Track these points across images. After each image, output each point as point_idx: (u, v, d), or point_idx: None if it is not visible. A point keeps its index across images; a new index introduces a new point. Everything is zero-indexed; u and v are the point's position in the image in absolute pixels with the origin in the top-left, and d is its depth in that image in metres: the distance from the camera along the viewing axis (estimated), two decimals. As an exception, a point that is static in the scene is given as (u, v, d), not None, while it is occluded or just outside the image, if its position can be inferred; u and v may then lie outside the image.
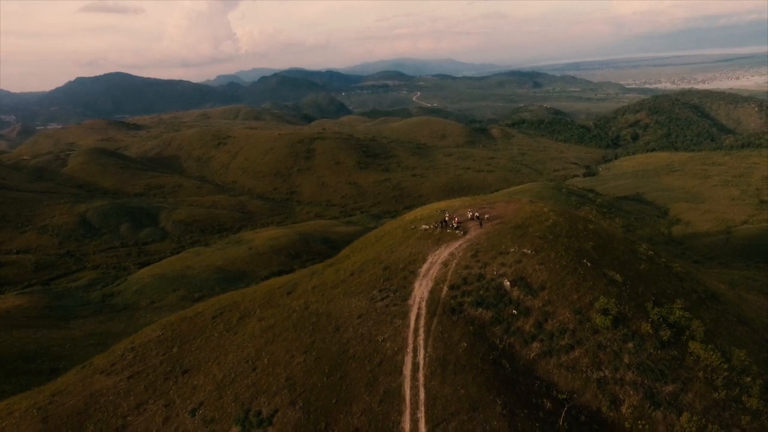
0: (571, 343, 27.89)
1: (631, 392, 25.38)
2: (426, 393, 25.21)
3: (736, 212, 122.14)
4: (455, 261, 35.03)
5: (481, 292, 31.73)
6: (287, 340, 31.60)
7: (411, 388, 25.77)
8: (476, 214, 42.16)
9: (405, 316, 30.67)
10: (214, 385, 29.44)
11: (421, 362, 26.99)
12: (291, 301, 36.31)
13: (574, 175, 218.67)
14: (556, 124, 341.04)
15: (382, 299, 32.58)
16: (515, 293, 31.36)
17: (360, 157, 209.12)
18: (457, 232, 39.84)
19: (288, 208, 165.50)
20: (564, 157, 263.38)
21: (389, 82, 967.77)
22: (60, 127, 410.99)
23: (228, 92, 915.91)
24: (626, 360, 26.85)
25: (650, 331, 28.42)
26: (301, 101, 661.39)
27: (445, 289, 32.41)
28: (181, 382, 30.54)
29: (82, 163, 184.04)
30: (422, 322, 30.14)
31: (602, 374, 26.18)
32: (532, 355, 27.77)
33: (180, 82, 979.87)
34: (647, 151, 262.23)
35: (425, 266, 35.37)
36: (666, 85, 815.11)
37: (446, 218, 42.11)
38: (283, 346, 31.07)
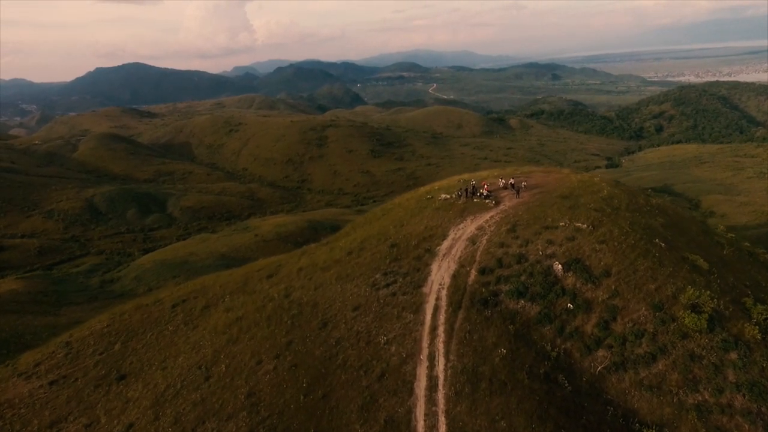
0: (652, 351, 20.82)
1: (746, 426, 18.15)
2: (449, 424, 17.81)
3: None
4: (486, 237, 28.13)
5: (522, 278, 24.80)
6: (256, 338, 25.00)
7: (426, 415, 18.34)
8: (511, 182, 35.15)
9: (418, 308, 23.87)
10: (152, 400, 23.02)
11: (441, 376, 19.72)
12: (270, 286, 29.89)
13: (596, 167, 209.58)
14: (576, 115, 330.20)
15: (387, 285, 26.02)
16: (570, 280, 24.38)
17: (373, 145, 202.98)
18: (487, 201, 32.80)
19: (299, 196, 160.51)
20: (585, 148, 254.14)
21: (405, 74, 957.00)
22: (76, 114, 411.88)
23: (244, 83, 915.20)
24: (731, 377, 19.68)
25: (757, 336, 21.07)
26: (316, 92, 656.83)
27: (474, 273, 25.52)
28: (114, 393, 24.48)
29: (92, 149, 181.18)
30: (442, 317, 23.10)
31: (701, 398, 19.19)
32: (599, 367, 20.77)
33: (197, 72, 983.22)
34: (672, 143, 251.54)
35: (446, 243, 28.44)
36: (689, 78, 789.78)
37: (472, 186, 35.22)
38: (250, 346, 24.50)
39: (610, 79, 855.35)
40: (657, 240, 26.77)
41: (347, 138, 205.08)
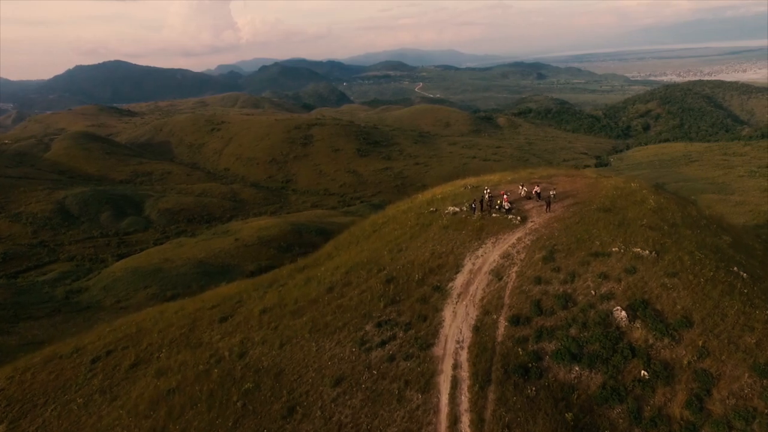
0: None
1: None
2: None
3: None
4: (515, 269, 22.27)
5: (572, 330, 18.81)
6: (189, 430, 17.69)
7: None
8: (536, 190, 29.36)
9: (428, 383, 17.39)
10: None
11: None
12: (221, 337, 22.84)
13: (585, 165, 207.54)
14: (564, 114, 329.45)
15: (383, 344, 19.40)
16: (639, 333, 18.47)
17: (360, 144, 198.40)
18: (510, 217, 26.78)
19: (283, 197, 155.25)
20: (573, 147, 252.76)
21: (391, 73, 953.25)
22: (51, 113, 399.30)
23: (228, 81, 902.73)
24: None
25: None
26: (302, 90, 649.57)
27: (504, 323, 19.70)
28: None
29: (65, 148, 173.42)
30: (465, 398, 16.53)
31: None
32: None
33: (180, 70, 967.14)
34: (660, 142, 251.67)
35: (461, 278, 22.32)
36: (672, 77, 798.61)
37: (487, 195, 29.00)
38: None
39: (595, 79, 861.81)
40: (736, 269, 21.39)
41: (333, 137, 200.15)
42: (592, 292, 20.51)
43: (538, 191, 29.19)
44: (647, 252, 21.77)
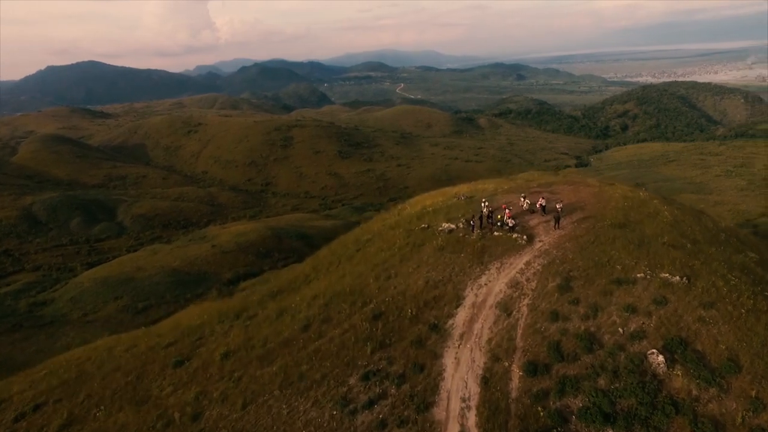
0: None
1: None
2: None
3: (749, 204, 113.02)
4: (526, 302, 19.31)
5: (601, 380, 15.82)
6: None
7: None
8: (541, 202, 26.31)
9: None
10: None
11: None
12: (173, 390, 18.91)
13: (566, 166, 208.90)
14: (544, 114, 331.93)
15: (371, 404, 16.30)
16: (679, 383, 15.59)
17: (341, 146, 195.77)
18: (515, 237, 23.74)
19: (262, 201, 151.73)
20: (553, 147, 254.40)
21: (372, 74, 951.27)
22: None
23: (206, 82, 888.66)
24: None
25: None
26: (282, 91, 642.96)
27: (518, 372, 16.63)
28: None
29: (33, 152, 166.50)
30: None
31: None
32: None
33: (156, 71, 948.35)
34: (638, 142, 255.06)
35: (462, 314, 19.23)
36: (647, 78, 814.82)
37: (485, 209, 26.00)
38: None
39: (573, 80, 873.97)
40: None
41: (314, 138, 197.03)
42: (620, 330, 17.46)
43: (543, 204, 26.23)
44: (677, 278, 18.92)
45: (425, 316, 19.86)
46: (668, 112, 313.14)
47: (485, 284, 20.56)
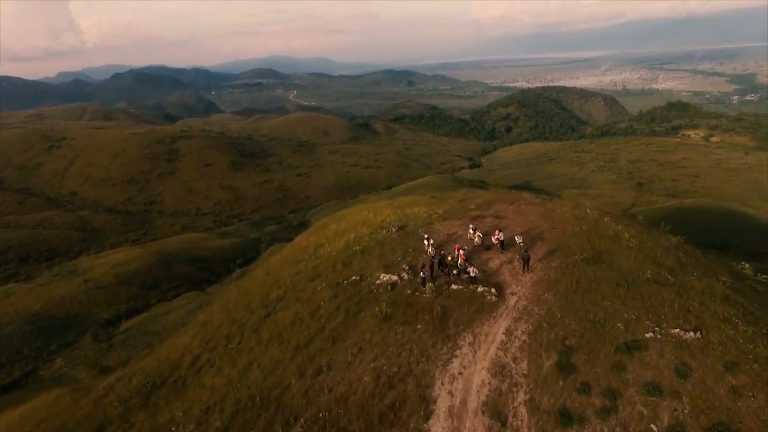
0: None
1: None
2: None
3: (621, 196, 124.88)
4: (521, 396, 14.84)
5: None
6: None
7: None
8: (499, 236, 22.37)
9: None
10: None
11: None
12: None
13: (461, 167, 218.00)
14: (436, 119, 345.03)
15: None
16: None
17: (234, 157, 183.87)
18: (480, 290, 18.95)
19: (147, 222, 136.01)
20: (447, 150, 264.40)
21: (263, 81, 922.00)
22: None
23: (72, 91, 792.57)
24: None
25: None
26: (164, 100, 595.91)
27: None
28: None
29: None
30: None
31: None
32: None
33: (7, 78, 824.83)
34: (521, 142, 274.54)
35: (437, 428, 14.27)
36: (522, 83, 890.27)
37: (430, 250, 21.28)
38: None
39: (459, 85, 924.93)
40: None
41: (203, 150, 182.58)
42: (654, 429, 13.80)
43: (502, 239, 22.35)
44: (690, 334, 16.10)
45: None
46: (545, 114, 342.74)
47: (459, 373, 15.48)
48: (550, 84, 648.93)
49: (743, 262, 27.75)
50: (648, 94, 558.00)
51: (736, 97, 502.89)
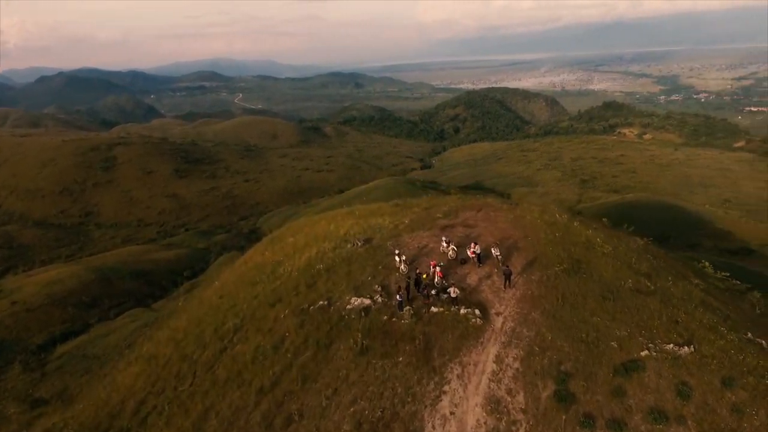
0: None
1: None
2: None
3: (567, 193, 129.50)
4: None
5: None
6: None
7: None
8: (475, 250, 21.09)
9: None
10: None
11: None
12: None
13: (413, 168, 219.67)
14: (386, 121, 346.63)
15: None
16: None
17: (178, 163, 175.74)
18: (463, 312, 17.44)
19: (83, 235, 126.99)
20: (398, 151, 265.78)
21: (206, 84, 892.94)
22: None
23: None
24: None
25: None
26: (98, 104, 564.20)
27: None
28: None
29: None
30: None
31: None
32: None
33: None
34: (470, 142, 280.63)
35: None
36: (468, 85, 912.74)
37: (403, 267, 19.84)
38: None
39: (406, 87, 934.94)
40: (749, 335, 16.97)
41: (143, 157, 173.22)
42: None
43: (478, 252, 21.02)
44: (684, 349, 15.65)
45: None
46: (491, 114, 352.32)
47: (451, 413, 13.74)
48: (495, 85, 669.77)
49: (704, 261, 28.59)
50: (585, 95, 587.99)
51: (663, 96, 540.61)
